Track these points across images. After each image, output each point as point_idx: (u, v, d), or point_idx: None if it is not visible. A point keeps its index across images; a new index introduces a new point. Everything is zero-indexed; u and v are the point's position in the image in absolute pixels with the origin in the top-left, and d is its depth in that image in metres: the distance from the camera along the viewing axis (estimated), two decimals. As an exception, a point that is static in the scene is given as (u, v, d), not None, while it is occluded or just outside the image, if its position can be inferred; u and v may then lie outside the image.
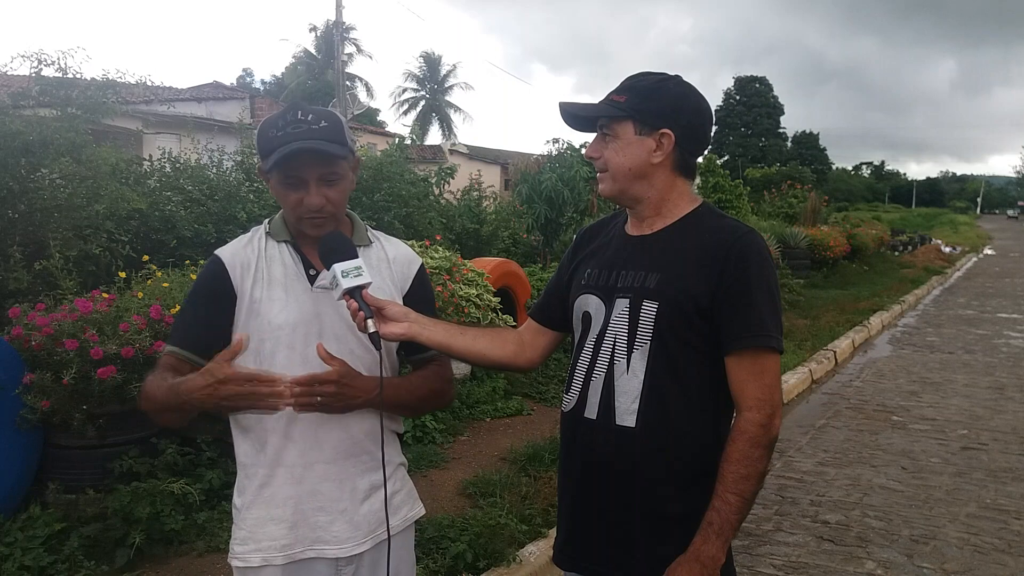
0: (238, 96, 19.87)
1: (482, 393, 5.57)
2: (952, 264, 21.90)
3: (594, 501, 1.65)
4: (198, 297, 1.68)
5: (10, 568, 2.87)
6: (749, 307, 1.52)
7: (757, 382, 1.52)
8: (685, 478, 1.57)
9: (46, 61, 4.76)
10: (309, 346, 1.58)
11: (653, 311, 1.57)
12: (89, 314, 3.47)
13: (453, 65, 55.31)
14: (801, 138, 69.68)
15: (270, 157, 1.56)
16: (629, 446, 1.58)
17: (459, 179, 10.04)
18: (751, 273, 1.53)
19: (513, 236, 9.95)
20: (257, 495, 1.63)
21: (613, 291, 1.64)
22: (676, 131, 1.60)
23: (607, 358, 1.62)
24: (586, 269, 1.73)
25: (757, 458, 1.50)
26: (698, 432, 1.57)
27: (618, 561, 1.62)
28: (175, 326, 1.74)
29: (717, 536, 1.49)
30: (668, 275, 1.58)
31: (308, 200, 1.60)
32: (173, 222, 5.40)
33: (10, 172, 4.29)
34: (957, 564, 3.72)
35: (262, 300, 1.61)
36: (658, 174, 1.63)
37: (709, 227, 1.61)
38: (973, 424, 6.14)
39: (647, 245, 1.65)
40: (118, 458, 3.38)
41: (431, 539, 3.32)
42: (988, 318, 12.12)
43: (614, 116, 1.62)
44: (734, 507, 1.49)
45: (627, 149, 1.62)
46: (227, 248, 1.69)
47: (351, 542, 1.66)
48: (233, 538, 1.66)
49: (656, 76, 1.65)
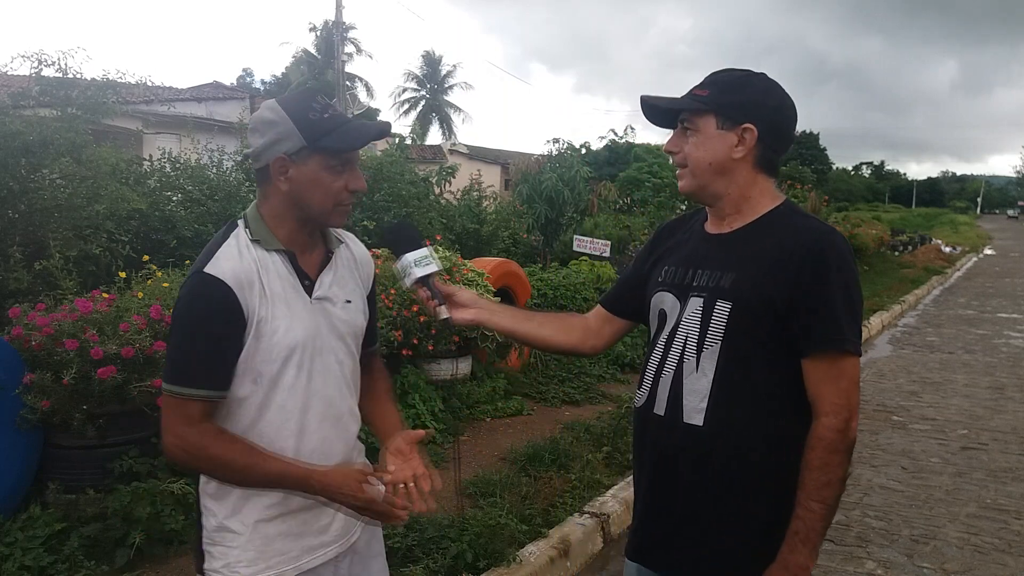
0: (238, 96, 19.84)
1: (482, 393, 5.56)
2: (952, 264, 21.89)
3: (663, 496, 1.65)
4: (211, 327, 1.48)
5: (10, 568, 2.87)
6: (826, 310, 1.49)
7: (834, 386, 1.49)
8: (753, 477, 1.55)
9: (46, 61, 4.76)
10: (314, 362, 1.57)
11: (726, 311, 1.55)
12: (89, 314, 3.47)
13: (453, 65, 55.44)
14: (801, 138, 69.52)
15: (326, 138, 1.49)
16: (697, 444, 1.57)
17: (459, 179, 10.03)
18: (830, 276, 1.50)
19: (513, 236, 9.95)
20: (263, 517, 1.56)
21: (688, 289, 1.63)
22: (759, 126, 1.57)
23: (677, 356, 1.61)
24: (664, 266, 1.72)
25: (837, 464, 1.48)
26: (768, 433, 1.55)
27: (685, 556, 1.62)
28: (190, 364, 1.49)
29: (803, 544, 1.48)
30: (743, 275, 1.56)
31: (357, 183, 1.55)
32: (173, 222, 5.40)
33: (10, 172, 4.28)
34: (957, 564, 3.72)
35: (267, 319, 1.51)
36: (739, 170, 1.60)
37: (789, 227, 1.58)
38: (973, 424, 6.14)
39: (725, 244, 1.63)
40: (118, 458, 3.37)
41: (431, 539, 3.31)
42: (988, 318, 12.12)
43: (696, 110, 1.60)
44: (818, 515, 1.48)
45: (708, 143, 1.59)
46: (223, 265, 1.49)
47: (347, 534, 1.67)
48: (237, 561, 1.55)
49: (741, 71, 1.63)
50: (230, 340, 1.49)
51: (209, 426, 1.49)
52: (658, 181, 16.53)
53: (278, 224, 1.56)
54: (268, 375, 1.52)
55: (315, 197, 1.53)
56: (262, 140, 1.52)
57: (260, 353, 1.51)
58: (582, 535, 3.69)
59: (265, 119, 1.52)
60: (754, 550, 1.54)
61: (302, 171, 1.51)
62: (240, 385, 1.52)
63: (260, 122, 1.53)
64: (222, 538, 1.56)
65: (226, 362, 1.50)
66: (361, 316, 1.71)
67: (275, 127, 1.50)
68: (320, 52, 41.76)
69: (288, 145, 1.49)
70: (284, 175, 1.52)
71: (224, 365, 1.50)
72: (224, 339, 1.49)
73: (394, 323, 4.86)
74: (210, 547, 1.58)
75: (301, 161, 1.50)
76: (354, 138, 1.53)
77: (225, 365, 1.50)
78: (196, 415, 1.48)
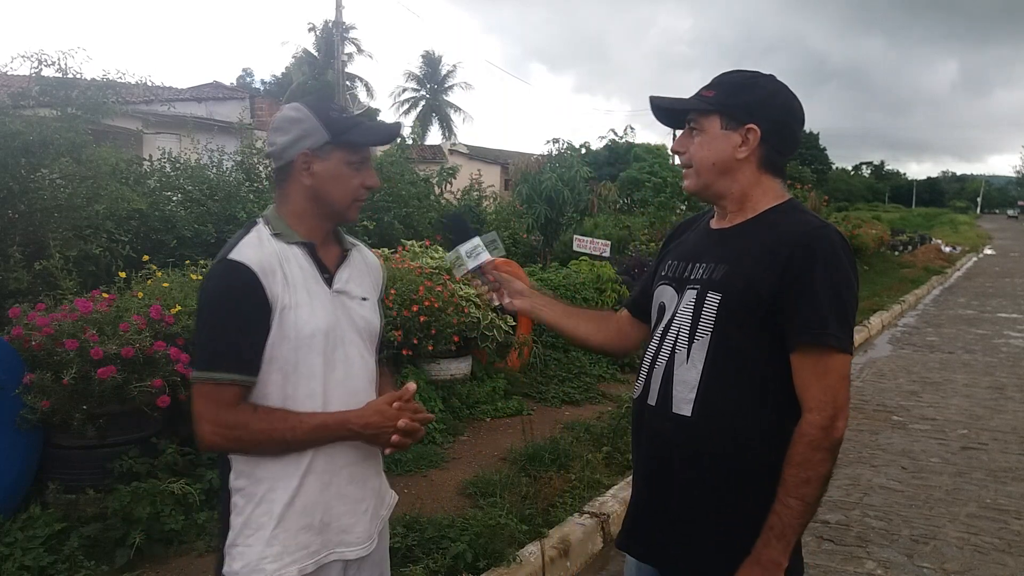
0: (238, 96, 19.82)
1: (482, 393, 5.56)
2: (952, 264, 21.89)
3: (657, 485, 1.66)
4: (240, 313, 1.51)
5: (10, 568, 2.87)
6: (810, 303, 1.49)
7: (819, 382, 1.49)
8: (743, 469, 1.55)
9: (46, 61, 4.77)
10: (336, 351, 1.61)
11: (716, 303, 1.57)
12: (89, 314, 3.47)
13: (453, 65, 55.42)
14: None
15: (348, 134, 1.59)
16: (686, 434, 1.58)
17: (459, 179, 10.05)
18: (816, 268, 1.49)
19: (513, 236, 9.96)
20: (289, 508, 1.57)
21: (685, 282, 1.66)
22: (763, 126, 1.59)
23: (670, 347, 1.63)
24: (668, 261, 1.75)
25: (819, 461, 1.47)
26: (758, 426, 1.54)
27: (677, 549, 1.62)
28: (221, 348, 1.51)
29: (778, 540, 1.48)
30: (734, 268, 1.57)
31: (372, 180, 1.66)
32: (173, 222, 5.40)
33: (10, 172, 4.28)
34: (957, 564, 3.72)
35: (290, 307, 1.54)
36: (743, 170, 1.62)
37: (785, 222, 1.59)
38: (973, 424, 6.14)
39: (722, 238, 1.66)
40: (118, 458, 3.37)
41: (431, 539, 3.32)
42: (988, 318, 12.12)
43: (702, 110, 1.62)
44: (796, 511, 1.47)
45: (712, 143, 1.61)
46: (248, 252, 1.54)
47: (368, 542, 1.68)
48: (261, 557, 1.55)
49: (749, 73, 1.66)
50: (258, 324, 1.52)
51: (245, 405, 1.53)
52: (658, 181, 16.50)
53: (298, 222, 1.63)
54: (292, 363, 1.55)
55: (336, 191, 1.61)
56: (286, 137, 1.60)
57: (284, 341, 1.54)
58: (582, 535, 3.69)
59: (289, 117, 1.61)
60: (744, 543, 1.53)
61: (325, 166, 1.60)
62: (265, 374, 1.54)
63: (284, 120, 1.61)
64: (246, 537, 1.56)
65: (255, 346, 1.53)
66: (376, 316, 1.75)
67: (300, 124, 1.59)
68: (320, 52, 41.75)
69: (312, 141, 1.58)
70: (308, 169, 1.60)
71: (253, 349, 1.52)
72: (252, 323, 1.52)
73: (394, 323, 4.87)
74: (231, 548, 1.57)
75: (325, 156, 1.59)
76: (374, 134, 1.65)
77: (254, 349, 1.53)
78: (231, 400, 1.51)
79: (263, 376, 1.54)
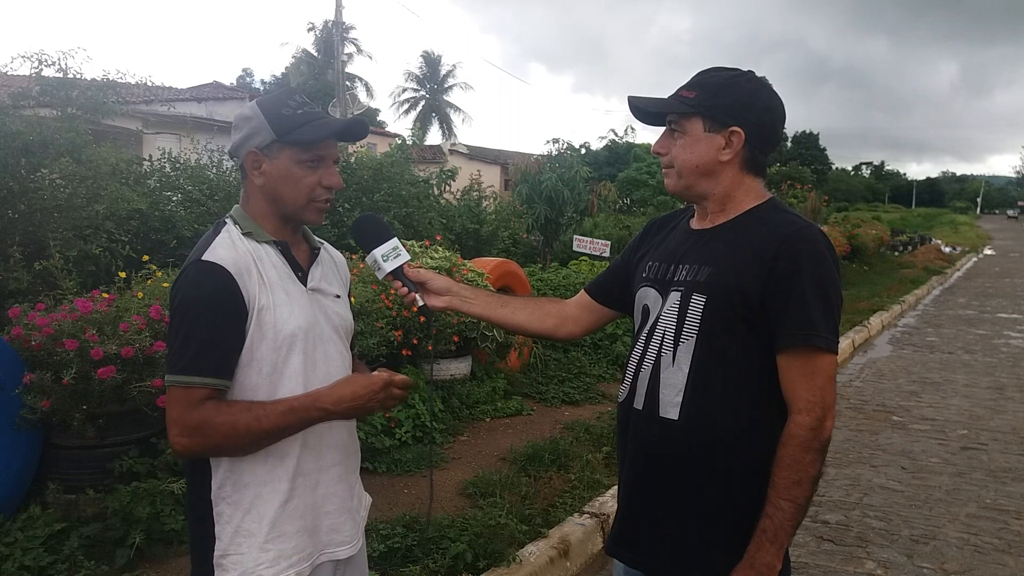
0: (238, 96, 19.86)
1: (482, 393, 5.56)
2: (952, 264, 21.89)
3: (643, 490, 1.65)
4: (215, 315, 1.46)
5: (10, 568, 2.87)
6: (798, 304, 1.48)
7: (808, 383, 1.48)
8: (731, 472, 1.55)
9: (46, 61, 4.77)
10: (316, 350, 1.58)
11: (701, 305, 1.55)
12: (89, 314, 3.46)
13: (453, 65, 55.42)
14: (801, 138, 69.64)
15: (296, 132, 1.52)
16: (673, 438, 1.57)
17: (459, 179, 10.05)
18: (802, 269, 1.49)
19: (513, 236, 9.97)
20: (281, 512, 1.54)
21: (668, 284, 1.64)
22: (746, 129, 1.57)
23: (656, 350, 1.62)
24: (648, 262, 1.73)
25: (808, 462, 1.47)
26: (745, 428, 1.54)
27: (666, 552, 1.61)
28: (194, 352, 1.45)
29: (771, 543, 1.48)
30: (719, 269, 1.56)
31: (331, 179, 1.58)
32: (173, 222, 5.40)
33: (10, 172, 4.29)
34: (957, 564, 3.72)
35: (268, 307, 1.51)
36: (726, 172, 1.61)
37: (768, 221, 1.58)
38: (973, 424, 6.14)
39: (704, 239, 1.64)
40: (118, 458, 3.37)
41: (431, 539, 3.32)
42: (988, 318, 12.12)
43: (683, 112, 1.60)
44: (787, 513, 1.47)
45: (695, 146, 1.60)
46: (222, 252, 1.50)
47: (355, 540, 1.68)
48: (257, 563, 1.52)
49: (728, 72, 1.63)
50: (233, 326, 1.48)
51: (208, 402, 1.46)
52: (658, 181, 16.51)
53: (263, 220, 1.59)
54: (273, 363, 1.52)
55: (287, 191, 1.56)
56: (238, 135, 1.57)
57: (264, 342, 1.50)
58: (582, 535, 3.69)
59: (241, 115, 1.58)
60: (733, 546, 1.53)
61: (274, 165, 1.55)
62: (246, 376, 1.51)
63: (238, 118, 1.59)
64: (238, 545, 1.53)
65: (230, 349, 1.48)
66: (349, 313, 1.74)
67: (249, 122, 1.55)
68: (320, 52, 41.78)
69: (260, 139, 1.54)
70: (258, 169, 1.56)
71: (228, 353, 1.48)
72: (227, 325, 1.47)
73: (394, 323, 4.86)
74: (223, 559, 1.53)
75: (273, 155, 1.55)
76: (324, 131, 1.55)
77: (229, 353, 1.48)
78: (199, 401, 1.45)
79: (245, 378, 1.50)
